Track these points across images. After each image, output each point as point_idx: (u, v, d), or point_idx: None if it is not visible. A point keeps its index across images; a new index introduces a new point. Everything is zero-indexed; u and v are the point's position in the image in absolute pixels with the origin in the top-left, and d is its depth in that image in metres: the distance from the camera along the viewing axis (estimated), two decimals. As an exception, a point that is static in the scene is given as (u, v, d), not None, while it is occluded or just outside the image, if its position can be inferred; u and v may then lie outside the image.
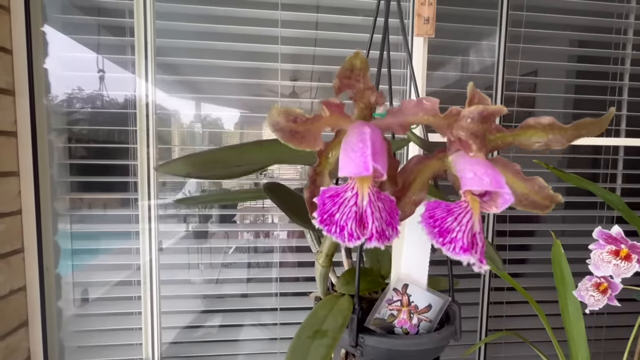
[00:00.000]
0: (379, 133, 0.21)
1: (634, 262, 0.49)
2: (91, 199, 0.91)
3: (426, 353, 0.27)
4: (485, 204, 0.20)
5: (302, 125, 0.19)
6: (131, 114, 0.87)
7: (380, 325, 0.28)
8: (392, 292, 0.29)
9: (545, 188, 0.23)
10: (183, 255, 0.96)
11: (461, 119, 0.20)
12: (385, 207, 0.20)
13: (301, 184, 0.94)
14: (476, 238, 0.19)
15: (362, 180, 0.19)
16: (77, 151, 0.90)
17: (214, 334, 0.95)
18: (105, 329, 0.90)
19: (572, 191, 1.10)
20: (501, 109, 0.20)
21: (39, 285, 0.80)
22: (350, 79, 0.20)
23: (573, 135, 0.21)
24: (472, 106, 0.20)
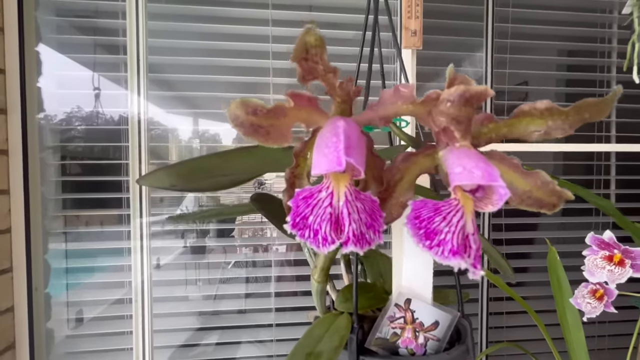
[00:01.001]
0: (356, 127, 0.20)
1: (627, 268, 0.48)
2: (84, 217, 0.90)
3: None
4: (479, 201, 0.18)
5: (265, 118, 0.17)
6: (124, 130, 0.88)
7: (382, 346, 0.26)
8: (394, 308, 0.26)
9: (550, 183, 0.20)
10: (180, 272, 0.94)
11: (440, 103, 0.18)
12: (365, 208, 0.18)
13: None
14: (469, 240, 0.17)
15: (339, 178, 0.18)
16: (70, 168, 0.90)
17: (209, 352, 0.93)
18: (96, 350, 0.87)
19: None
20: (486, 90, 0.18)
21: (27, 306, 0.78)
22: (307, 61, 0.19)
23: (575, 119, 0.20)
24: (451, 88, 0.18)
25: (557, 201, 0.20)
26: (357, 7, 0.92)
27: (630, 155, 1.04)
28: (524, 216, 1.03)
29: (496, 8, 0.95)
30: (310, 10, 0.94)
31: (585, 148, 0.99)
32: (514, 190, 0.20)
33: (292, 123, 0.20)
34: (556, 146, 1.02)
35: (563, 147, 1.01)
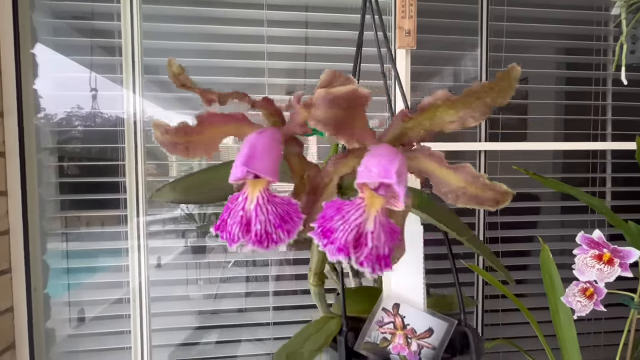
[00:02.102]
0: (269, 138, 0.20)
1: (616, 267, 0.49)
2: (82, 217, 0.91)
3: None
4: (389, 199, 0.18)
5: (177, 137, 0.19)
6: (121, 132, 0.88)
7: (372, 351, 0.25)
8: (382, 312, 0.26)
9: (479, 177, 0.20)
10: (181, 271, 0.95)
11: (311, 108, 0.18)
12: (277, 211, 0.19)
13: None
14: (364, 238, 0.17)
15: (254, 184, 0.19)
16: (67, 170, 0.91)
17: (209, 350, 0.93)
18: (96, 349, 0.88)
19: (571, 195, 1.10)
20: (353, 90, 0.17)
21: (27, 306, 0.79)
22: (184, 86, 0.21)
23: (479, 106, 0.18)
24: (316, 92, 0.18)
25: (495, 196, 0.20)
26: (353, 6, 0.92)
27: (625, 153, 1.04)
28: (520, 214, 1.03)
29: (491, 7, 0.95)
30: (307, 10, 0.94)
31: (582, 146, 1.00)
32: (449, 186, 0.20)
33: (218, 137, 0.21)
34: (554, 145, 1.02)
35: (560, 146, 1.01)
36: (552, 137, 1.09)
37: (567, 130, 1.08)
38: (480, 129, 0.98)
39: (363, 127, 0.19)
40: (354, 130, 0.19)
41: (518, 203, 1.04)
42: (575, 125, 1.07)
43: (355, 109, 0.18)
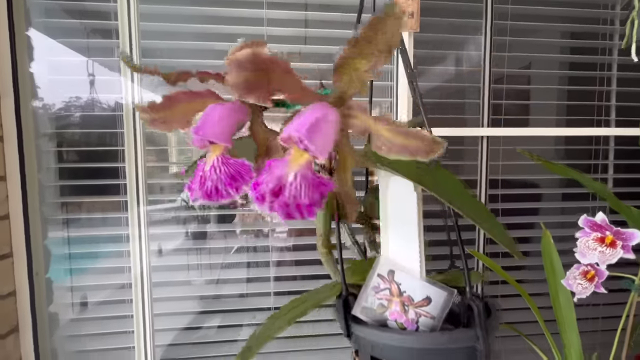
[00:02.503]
0: (225, 108, 0.22)
1: (618, 249, 0.49)
2: (83, 204, 0.91)
3: (431, 356, 0.23)
4: (311, 152, 0.19)
5: (153, 113, 0.22)
6: (119, 117, 0.87)
7: (370, 316, 0.25)
8: (377, 278, 0.25)
9: (399, 126, 0.21)
10: (182, 257, 0.95)
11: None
12: (229, 170, 0.21)
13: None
14: (283, 189, 0.18)
15: (214, 150, 0.21)
16: (66, 155, 0.90)
17: (211, 335, 0.94)
18: (99, 332, 0.89)
19: (572, 183, 1.10)
20: (251, 52, 0.18)
21: (29, 290, 0.80)
22: (150, 72, 0.23)
23: (381, 41, 0.18)
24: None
25: (425, 146, 0.20)
26: (353, 4, 0.90)
27: (628, 140, 1.03)
28: (522, 201, 1.03)
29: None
30: (306, 9, 0.92)
31: (585, 132, 0.99)
32: (379, 139, 0.21)
33: (189, 112, 0.23)
34: (557, 130, 1.01)
35: (563, 132, 1.00)
36: (554, 123, 1.08)
37: (570, 117, 1.06)
38: (483, 115, 0.97)
39: (297, 89, 0.20)
40: (266, 90, 0.20)
41: (519, 190, 1.04)
42: (579, 111, 1.05)
43: (267, 72, 0.19)
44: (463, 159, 1.02)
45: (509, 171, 1.00)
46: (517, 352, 1.03)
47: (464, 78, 1.01)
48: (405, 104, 0.90)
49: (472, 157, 0.99)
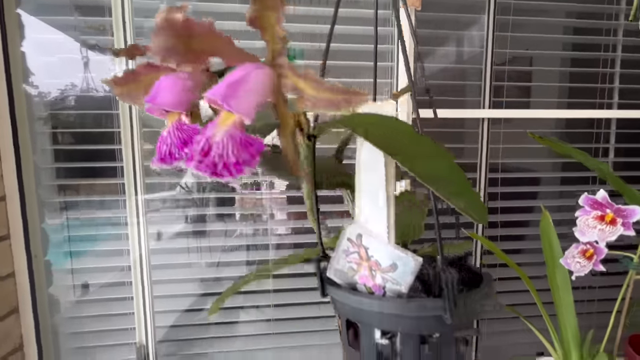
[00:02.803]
0: (173, 77, 0.23)
1: (618, 226, 0.49)
2: (80, 186, 0.90)
3: (398, 322, 0.23)
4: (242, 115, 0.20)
5: (120, 87, 0.23)
6: (114, 98, 0.85)
7: (342, 278, 0.25)
8: (347, 242, 0.25)
9: (322, 82, 0.21)
10: (182, 241, 0.95)
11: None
12: (182, 136, 0.22)
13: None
14: (210, 149, 0.19)
15: (170, 117, 0.23)
16: (62, 137, 0.89)
17: (213, 317, 0.95)
18: (100, 314, 0.90)
19: (570, 167, 1.09)
20: (164, 18, 0.18)
21: (28, 272, 0.80)
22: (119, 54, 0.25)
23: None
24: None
25: (345, 96, 0.20)
26: None
27: (630, 123, 1.02)
28: (520, 185, 1.03)
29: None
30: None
31: (587, 114, 0.97)
32: (307, 96, 0.21)
33: (150, 85, 0.23)
34: (559, 112, 0.99)
35: (565, 114, 0.98)
36: (556, 106, 1.06)
37: (573, 99, 1.05)
38: (484, 97, 0.95)
39: (231, 52, 0.21)
40: (193, 56, 0.20)
41: (518, 174, 1.03)
42: (581, 93, 1.04)
43: (188, 36, 0.19)
44: (464, 142, 1.01)
45: (509, 154, 1.00)
46: (514, 332, 1.05)
47: (465, 59, 0.99)
48: (404, 117, 0.89)
49: (472, 141, 0.98)
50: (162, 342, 0.92)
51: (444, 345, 0.21)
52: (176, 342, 0.94)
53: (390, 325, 0.23)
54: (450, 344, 0.21)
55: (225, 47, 0.20)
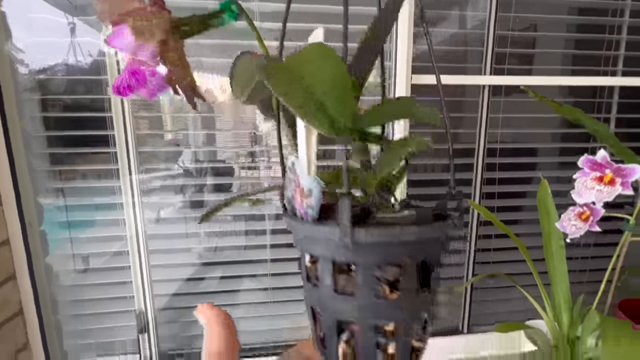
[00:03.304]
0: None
1: (617, 186, 0.48)
2: (72, 155, 0.88)
3: (309, 244, 0.24)
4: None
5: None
6: (102, 62, 0.82)
7: (289, 205, 0.26)
8: (288, 170, 0.26)
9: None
10: (180, 225, 0.94)
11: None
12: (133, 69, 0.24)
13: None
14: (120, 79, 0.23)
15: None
16: (50, 106, 0.86)
17: (214, 285, 0.96)
18: (98, 283, 0.90)
19: (565, 138, 1.08)
20: None
21: (23, 240, 0.79)
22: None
23: None
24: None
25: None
26: None
27: (632, 92, 1.00)
28: (518, 156, 1.02)
29: None
30: None
31: (591, 82, 0.95)
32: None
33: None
34: (561, 79, 0.96)
35: (568, 81, 0.96)
36: (559, 74, 1.04)
37: (576, 67, 1.02)
38: (486, 63, 0.92)
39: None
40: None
41: (515, 144, 1.02)
42: (585, 61, 1.01)
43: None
44: (463, 112, 1.00)
45: (508, 124, 0.98)
46: (507, 300, 1.07)
47: (468, 26, 0.95)
48: (403, 85, 0.86)
49: (472, 110, 0.96)
50: (162, 310, 0.94)
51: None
52: (177, 309, 0.95)
53: (309, 249, 0.24)
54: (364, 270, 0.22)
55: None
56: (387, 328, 0.22)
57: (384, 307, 0.21)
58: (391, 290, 0.21)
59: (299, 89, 0.20)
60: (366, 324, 0.22)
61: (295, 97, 0.19)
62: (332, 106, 0.19)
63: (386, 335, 0.22)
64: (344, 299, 0.22)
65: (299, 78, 0.20)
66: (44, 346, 0.85)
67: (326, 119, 0.19)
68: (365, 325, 0.22)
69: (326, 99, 0.19)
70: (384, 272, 0.21)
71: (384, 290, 0.21)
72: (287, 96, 0.19)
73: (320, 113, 0.19)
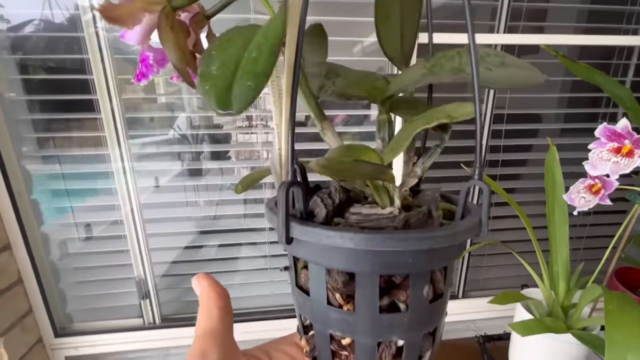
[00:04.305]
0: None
1: (635, 158, 0.45)
2: (59, 121, 0.83)
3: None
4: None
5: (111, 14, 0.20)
6: (78, 17, 0.75)
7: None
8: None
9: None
10: (180, 194, 0.92)
11: None
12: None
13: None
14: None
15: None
16: (30, 68, 0.79)
17: (213, 253, 0.96)
18: (96, 251, 0.90)
19: (576, 102, 1.03)
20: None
21: (13, 210, 0.77)
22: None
23: None
24: None
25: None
26: None
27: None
28: (523, 122, 0.98)
29: None
30: None
31: (610, 41, 0.88)
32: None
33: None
34: (579, 38, 0.89)
35: (586, 40, 0.89)
36: (573, 32, 0.96)
37: (594, 24, 0.94)
38: (500, 20, 0.85)
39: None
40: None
41: (522, 110, 0.98)
42: (604, 18, 0.93)
43: None
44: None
45: (516, 91, 0.93)
46: (504, 267, 1.09)
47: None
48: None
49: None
50: (163, 277, 0.94)
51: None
52: (178, 276, 0.96)
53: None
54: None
55: None
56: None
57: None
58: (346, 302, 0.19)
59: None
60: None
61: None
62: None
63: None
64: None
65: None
66: (47, 310, 0.87)
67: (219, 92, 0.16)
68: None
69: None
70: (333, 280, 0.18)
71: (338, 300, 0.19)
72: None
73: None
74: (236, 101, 0.14)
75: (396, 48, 0.24)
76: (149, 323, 0.95)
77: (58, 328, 0.89)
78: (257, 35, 0.16)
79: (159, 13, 0.21)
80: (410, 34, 0.24)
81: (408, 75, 0.21)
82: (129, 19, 0.21)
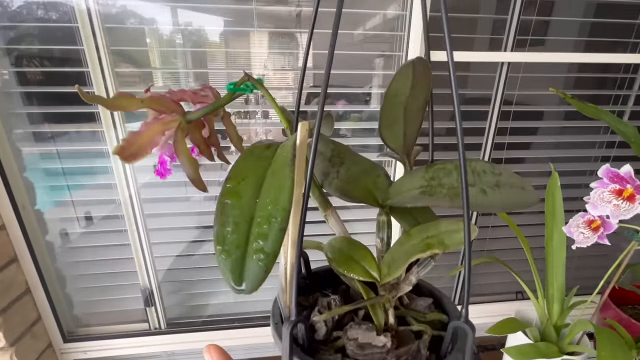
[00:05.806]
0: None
1: (636, 204, 0.46)
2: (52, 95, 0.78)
3: None
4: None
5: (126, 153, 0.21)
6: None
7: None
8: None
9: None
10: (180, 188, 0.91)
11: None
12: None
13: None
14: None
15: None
16: (20, 58, 0.75)
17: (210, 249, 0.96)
18: (99, 245, 0.89)
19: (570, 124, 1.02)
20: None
21: (18, 223, 0.78)
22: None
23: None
24: None
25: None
26: None
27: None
28: (522, 134, 0.98)
29: None
30: None
31: (620, 59, 0.87)
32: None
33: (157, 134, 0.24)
34: (588, 57, 0.88)
35: (595, 58, 0.87)
36: (573, 47, 0.93)
37: (600, 38, 0.92)
38: (509, 36, 0.83)
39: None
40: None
41: (526, 123, 0.97)
42: (610, 32, 0.91)
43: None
44: (474, 88, 0.93)
45: (522, 101, 0.92)
46: (499, 273, 1.11)
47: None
48: (418, 38, 0.77)
49: (486, 86, 0.89)
50: (167, 282, 0.96)
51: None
52: (182, 282, 0.98)
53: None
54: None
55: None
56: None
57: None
58: None
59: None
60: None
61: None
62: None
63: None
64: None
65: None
66: (55, 317, 0.89)
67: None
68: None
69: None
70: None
71: None
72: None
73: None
74: (249, 280, 0.15)
75: (398, 145, 0.25)
76: (154, 328, 0.97)
77: (66, 333, 0.92)
78: (267, 194, 0.17)
79: (174, 129, 0.21)
80: (412, 133, 0.25)
81: (406, 186, 0.22)
82: (147, 147, 0.21)
